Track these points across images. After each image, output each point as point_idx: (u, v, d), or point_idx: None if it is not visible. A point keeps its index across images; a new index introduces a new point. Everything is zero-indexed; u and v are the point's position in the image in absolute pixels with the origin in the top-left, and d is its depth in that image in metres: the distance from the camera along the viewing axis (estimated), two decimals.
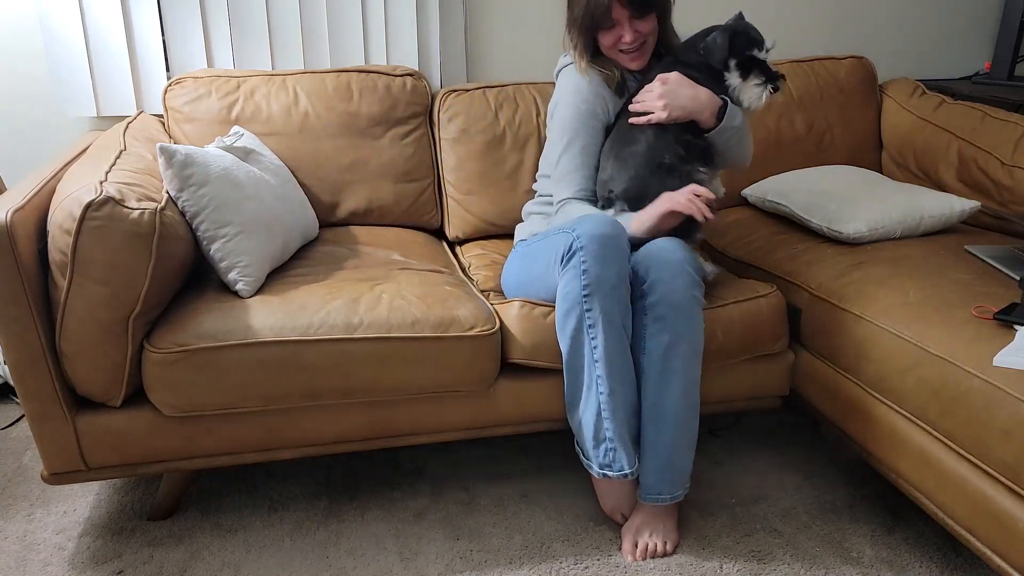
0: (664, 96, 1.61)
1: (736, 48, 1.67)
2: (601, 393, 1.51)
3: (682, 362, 1.51)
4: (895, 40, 2.65)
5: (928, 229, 1.91)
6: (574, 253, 1.48)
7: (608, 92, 1.72)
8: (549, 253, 1.57)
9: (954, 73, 2.72)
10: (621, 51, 1.68)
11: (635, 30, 1.64)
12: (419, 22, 2.24)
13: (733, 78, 1.68)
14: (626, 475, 1.53)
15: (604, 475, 1.55)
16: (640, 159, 1.64)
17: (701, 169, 1.67)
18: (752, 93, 1.67)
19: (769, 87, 1.66)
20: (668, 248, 1.54)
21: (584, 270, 1.47)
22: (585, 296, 1.48)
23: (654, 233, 1.59)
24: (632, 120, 1.65)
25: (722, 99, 1.65)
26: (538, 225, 1.82)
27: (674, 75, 1.64)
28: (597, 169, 1.71)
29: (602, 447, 1.54)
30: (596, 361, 1.50)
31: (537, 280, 1.62)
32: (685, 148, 1.65)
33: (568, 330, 1.52)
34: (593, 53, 1.71)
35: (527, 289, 1.64)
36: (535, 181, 1.93)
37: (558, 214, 1.71)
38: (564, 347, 1.54)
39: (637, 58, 1.69)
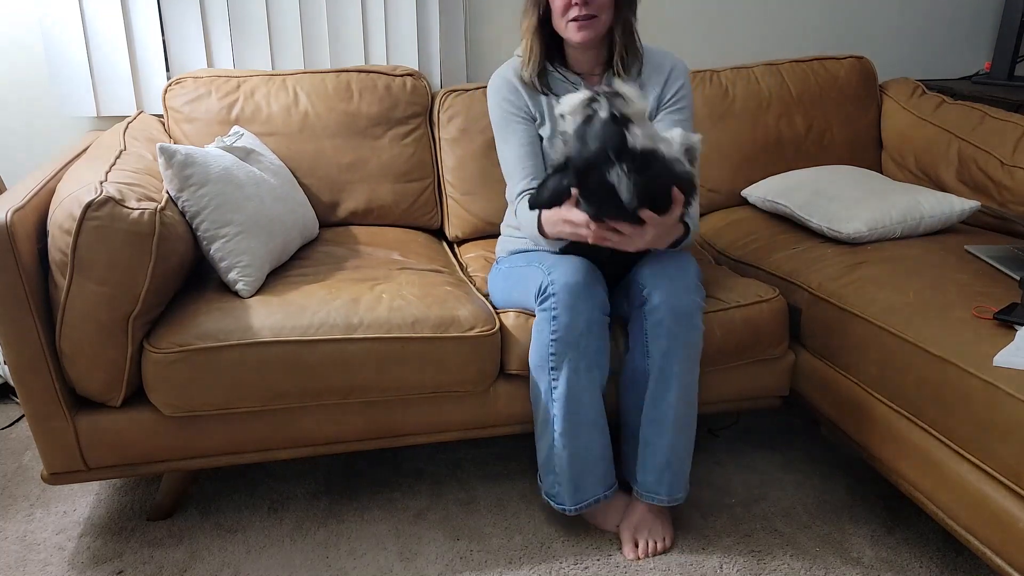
0: (653, 242, 1.46)
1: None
2: (555, 430, 1.53)
3: (680, 367, 1.52)
4: (895, 40, 2.65)
5: (928, 229, 1.91)
6: (547, 296, 1.50)
7: (525, 88, 1.69)
8: (528, 284, 1.58)
9: (954, 73, 2.73)
10: (571, 20, 1.58)
11: None
12: (419, 22, 2.24)
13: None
14: (565, 510, 1.57)
15: (547, 502, 1.60)
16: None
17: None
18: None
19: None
20: (667, 258, 1.54)
21: (554, 316, 1.49)
22: (552, 340, 1.49)
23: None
24: (594, 241, 1.46)
25: (684, 224, 1.55)
26: (512, 244, 1.81)
27: (674, 220, 1.47)
28: (541, 153, 1.69)
29: (550, 477, 1.58)
30: (554, 400, 1.52)
31: (518, 305, 1.64)
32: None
33: (533, 364, 1.55)
34: (546, 35, 1.66)
35: (513, 305, 1.66)
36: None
37: (517, 212, 1.68)
38: (531, 373, 1.57)
39: (584, 28, 1.59)
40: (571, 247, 1.59)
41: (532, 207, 1.53)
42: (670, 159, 1.43)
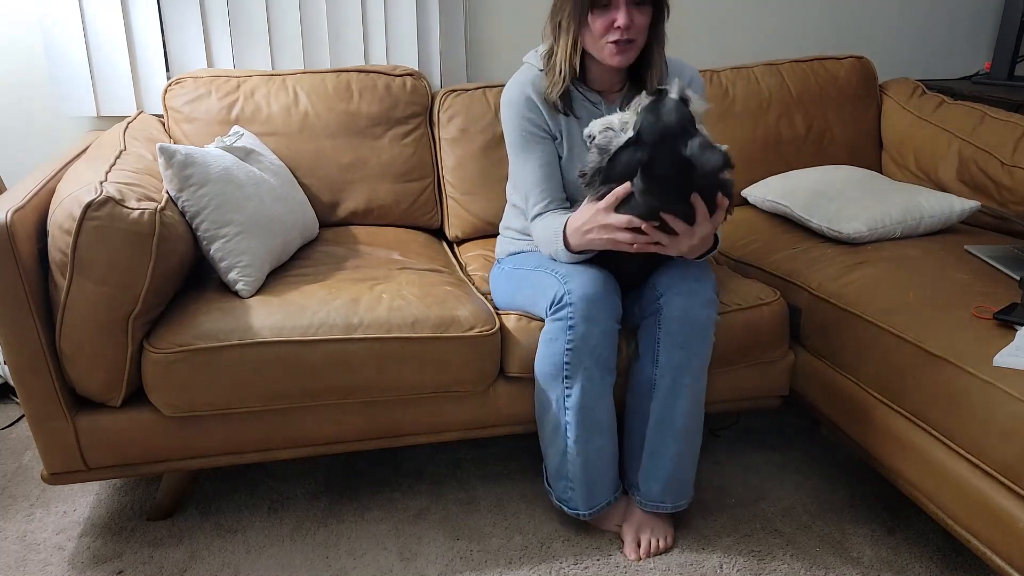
0: (694, 247, 1.46)
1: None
2: (568, 437, 1.53)
3: (692, 378, 1.52)
4: (895, 40, 2.65)
5: (928, 229, 1.91)
6: (564, 306, 1.49)
7: (545, 105, 1.62)
8: (536, 290, 1.57)
9: (954, 73, 2.72)
10: (610, 41, 1.52)
11: (630, 16, 1.49)
12: (419, 22, 2.24)
13: None
14: (579, 515, 1.57)
15: (560, 507, 1.60)
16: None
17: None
18: None
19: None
20: (687, 266, 1.54)
21: (571, 326, 1.48)
22: (568, 350, 1.49)
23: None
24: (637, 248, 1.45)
25: (715, 237, 1.54)
26: (512, 245, 1.79)
27: (716, 225, 1.46)
28: (559, 173, 1.64)
29: (562, 483, 1.58)
30: (567, 409, 1.52)
31: (521, 309, 1.63)
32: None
33: (544, 373, 1.54)
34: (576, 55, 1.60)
35: (516, 308, 1.65)
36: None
37: (534, 230, 1.65)
38: (538, 382, 1.56)
39: (624, 51, 1.53)
40: (593, 257, 1.56)
41: (604, 182, 1.44)
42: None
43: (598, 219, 1.44)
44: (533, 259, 1.67)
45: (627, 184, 1.41)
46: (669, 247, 1.45)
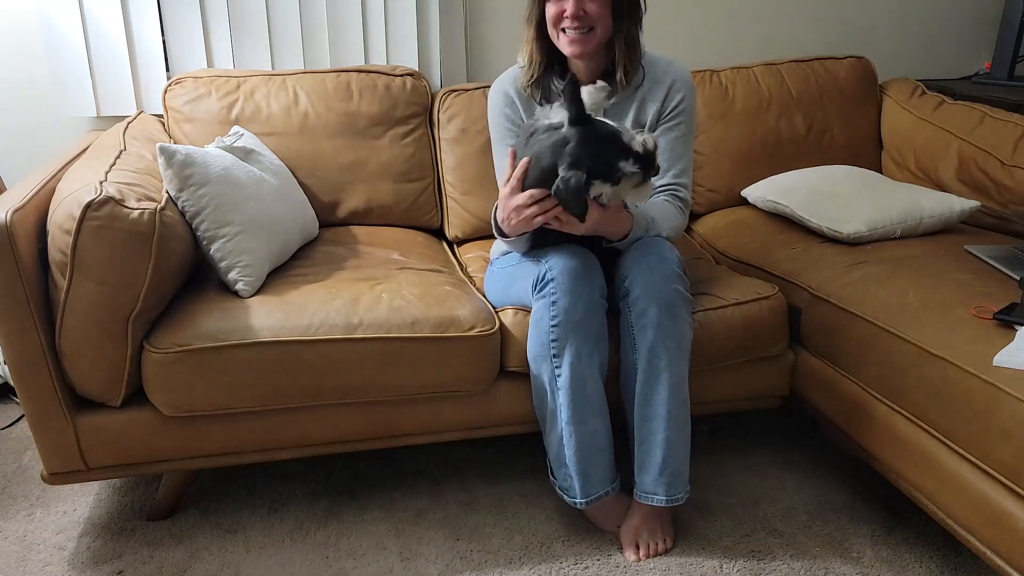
0: (596, 224, 1.49)
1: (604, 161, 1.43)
2: (563, 419, 1.53)
3: (669, 359, 1.51)
4: (895, 40, 2.65)
5: (928, 229, 1.91)
6: (546, 283, 1.50)
7: (522, 102, 1.71)
8: (526, 280, 1.58)
9: (954, 73, 2.73)
10: (562, 29, 1.58)
11: (579, 5, 1.54)
12: (419, 22, 2.24)
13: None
14: (576, 503, 1.57)
15: (562, 496, 1.60)
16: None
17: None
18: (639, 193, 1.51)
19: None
20: (649, 246, 1.55)
21: (553, 301, 1.49)
22: (553, 326, 1.49)
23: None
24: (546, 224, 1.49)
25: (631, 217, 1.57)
26: (504, 245, 1.78)
27: (618, 208, 1.51)
28: None
29: (562, 471, 1.58)
30: (559, 389, 1.52)
31: (515, 303, 1.64)
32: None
33: (534, 355, 1.55)
34: (547, 44, 1.65)
35: (511, 303, 1.66)
36: None
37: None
38: (531, 369, 1.57)
39: (576, 42, 1.57)
40: (558, 240, 1.59)
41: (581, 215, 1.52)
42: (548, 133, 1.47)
43: (508, 204, 1.49)
44: (519, 255, 1.68)
45: (523, 163, 1.47)
46: (565, 222, 1.47)
